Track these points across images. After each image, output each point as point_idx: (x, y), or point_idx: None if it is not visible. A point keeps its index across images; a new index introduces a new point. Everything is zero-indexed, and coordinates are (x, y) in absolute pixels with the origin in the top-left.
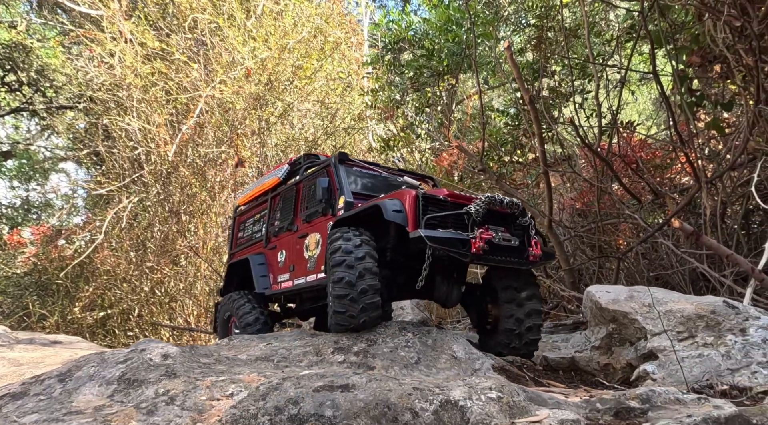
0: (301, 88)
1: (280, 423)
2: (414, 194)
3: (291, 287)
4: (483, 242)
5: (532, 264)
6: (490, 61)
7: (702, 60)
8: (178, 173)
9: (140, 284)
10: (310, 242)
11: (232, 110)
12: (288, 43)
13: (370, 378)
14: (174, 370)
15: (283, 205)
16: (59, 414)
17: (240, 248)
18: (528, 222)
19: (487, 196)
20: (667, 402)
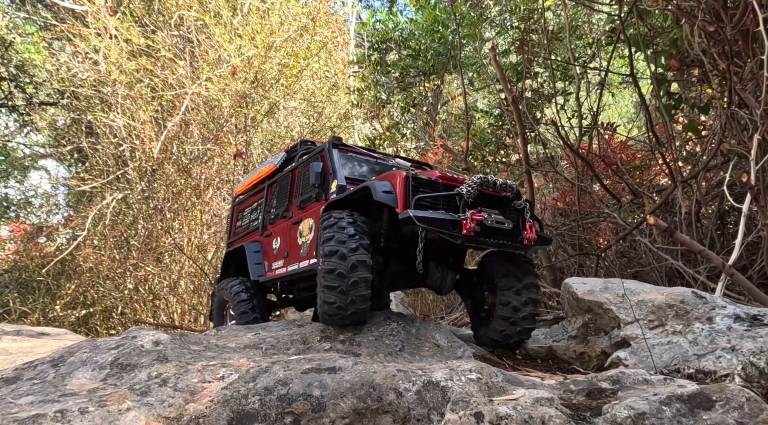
0: (288, 86)
1: (270, 403)
2: (404, 174)
3: (285, 274)
4: (474, 224)
5: (527, 248)
6: (475, 61)
7: (680, 64)
8: (163, 170)
9: (123, 282)
10: (303, 228)
11: (218, 108)
12: (274, 42)
13: (356, 362)
14: (165, 355)
15: (279, 192)
16: (54, 396)
17: (238, 237)
18: (522, 205)
19: (479, 177)
20: (636, 383)
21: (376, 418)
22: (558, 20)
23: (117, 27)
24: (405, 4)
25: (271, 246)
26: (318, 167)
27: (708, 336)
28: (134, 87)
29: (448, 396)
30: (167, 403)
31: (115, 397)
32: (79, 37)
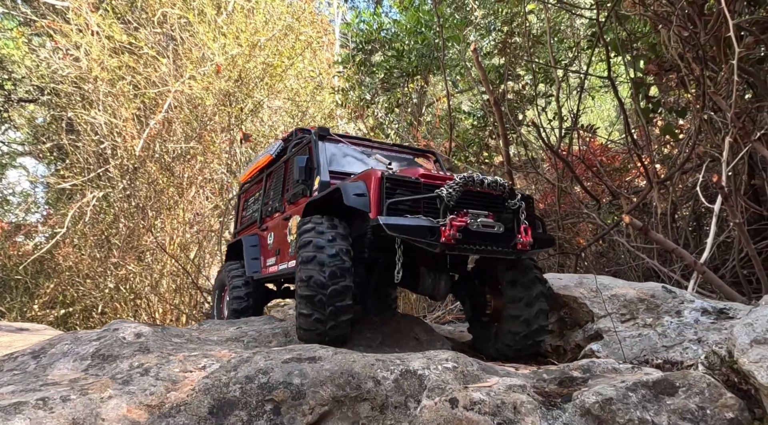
0: (272, 85)
1: (251, 391)
2: (379, 174)
3: (276, 273)
4: (454, 230)
5: (521, 253)
6: (458, 64)
7: (658, 69)
8: (146, 168)
9: (104, 281)
10: (292, 225)
11: (201, 106)
12: (259, 41)
13: (336, 352)
14: (147, 347)
15: (275, 184)
16: (35, 386)
17: (243, 227)
18: (517, 205)
19: (463, 176)
20: (606, 372)
21: (355, 406)
22: (540, 24)
23: (99, 24)
24: (390, 6)
25: (267, 241)
26: (302, 161)
27: (676, 329)
28: (116, 84)
29: (425, 383)
30: (149, 391)
31: (97, 386)
32: (60, 33)
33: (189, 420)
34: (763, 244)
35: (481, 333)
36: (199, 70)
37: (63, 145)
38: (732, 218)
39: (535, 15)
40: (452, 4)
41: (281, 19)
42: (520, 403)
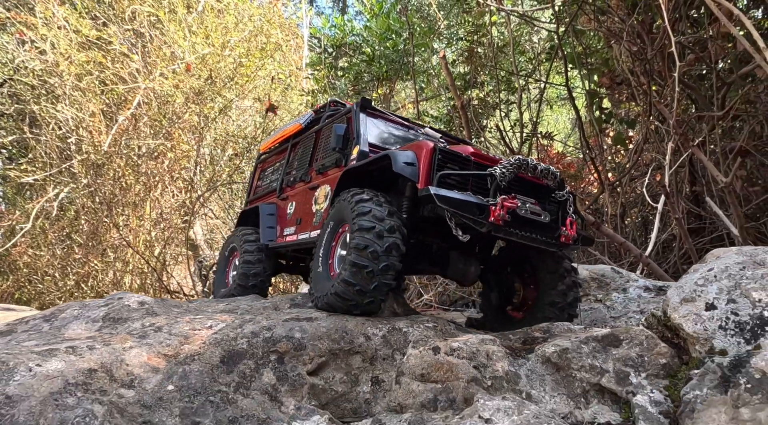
0: (242, 85)
1: (257, 344)
2: (431, 145)
3: (295, 242)
4: (504, 212)
5: (564, 247)
6: (426, 70)
7: (611, 82)
8: (112, 164)
9: (64, 278)
10: (319, 195)
11: (170, 104)
12: (229, 41)
13: (329, 314)
14: (154, 311)
15: (301, 154)
16: (56, 341)
17: (256, 196)
18: (565, 197)
19: (517, 158)
20: (562, 332)
21: (348, 357)
22: (503, 35)
23: (67, 18)
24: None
25: (286, 210)
26: (341, 129)
27: (623, 303)
28: (83, 79)
29: (409, 339)
30: (164, 344)
31: (118, 338)
32: (25, 25)
33: (203, 368)
34: (701, 241)
35: (501, 320)
36: (169, 68)
37: (25, 139)
38: (673, 215)
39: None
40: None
41: (251, 21)
42: (492, 352)
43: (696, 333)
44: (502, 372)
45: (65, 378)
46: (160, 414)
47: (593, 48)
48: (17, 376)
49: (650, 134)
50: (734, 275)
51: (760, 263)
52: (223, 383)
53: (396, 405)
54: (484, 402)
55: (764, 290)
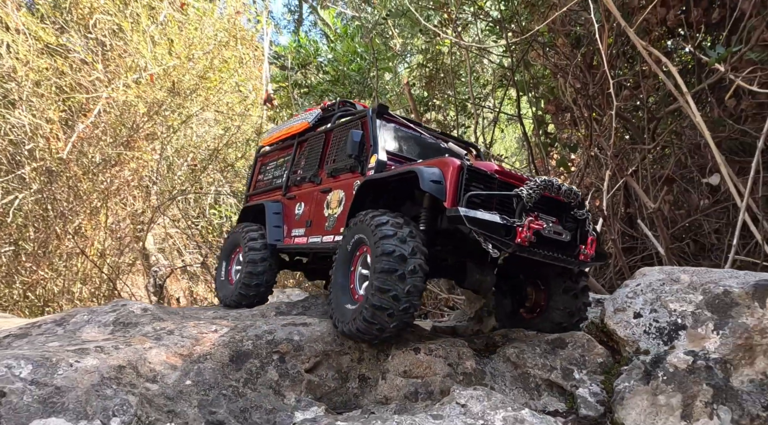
0: (205, 97)
1: (261, 345)
2: (458, 164)
3: (305, 245)
4: (530, 233)
5: (583, 265)
6: (389, 92)
7: (556, 109)
8: (69, 172)
9: (9, 286)
10: (332, 200)
11: (132, 113)
12: (192, 54)
13: (321, 320)
14: (159, 316)
15: (309, 153)
16: (77, 342)
17: (258, 191)
18: (585, 215)
19: (543, 179)
20: (519, 337)
21: (339, 358)
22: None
23: (25, 23)
24: (310, 25)
25: (293, 211)
26: (357, 136)
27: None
28: (41, 85)
29: (392, 342)
30: (179, 345)
31: (137, 340)
32: None
33: (215, 365)
34: (633, 259)
35: (515, 323)
36: (131, 78)
37: None
38: (609, 236)
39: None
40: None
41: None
42: (462, 352)
43: (626, 336)
44: (471, 369)
45: (101, 373)
46: (182, 404)
47: (540, 78)
48: (60, 370)
49: (591, 161)
50: (656, 290)
51: (676, 280)
52: (233, 379)
53: (382, 397)
54: (459, 392)
55: (678, 302)
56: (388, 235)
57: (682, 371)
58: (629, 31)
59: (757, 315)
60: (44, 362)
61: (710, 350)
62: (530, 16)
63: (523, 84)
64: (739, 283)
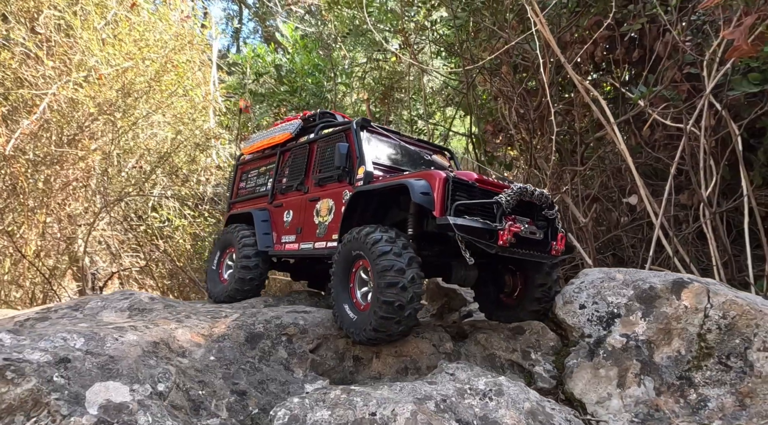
0: (159, 100)
1: (270, 328)
2: (443, 176)
3: (296, 251)
4: (510, 235)
5: (554, 258)
6: (346, 107)
7: (494, 129)
8: (9, 169)
9: None
10: (321, 208)
11: (80, 113)
12: (144, 55)
13: (319, 309)
14: (170, 303)
15: (293, 162)
16: (102, 324)
17: (241, 199)
18: (554, 215)
19: (519, 186)
20: (484, 326)
21: (336, 341)
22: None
23: None
24: (250, 32)
25: (282, 218)
26: (344, 148)
27: None
28: None
29: None
30: (199, 326)
31: (162, 321)
32: None
33: (233, 344)
34: (563, 268)
35: (498, 307)
36: (80, 76)
37: None
38: None
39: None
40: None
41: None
42: (442, 336)
43: (573, 324)
44: (450, 350)
45: (141, 347)
46: (209, 376)
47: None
48: (108, 343)
49: (530, 179)
50: (597, 286)
51: (612, 278)
52: (249, 356)
53: (376, 373)
54: (447, 365)
55: (614, 296)
56: (385, 251)
57: (617, 349)
58: (567, 65)
59: (674, 305)
60: (93, 336)
61: (639, 333)
62: (477, 44)
63: (468, 105)
64: (660, 281)
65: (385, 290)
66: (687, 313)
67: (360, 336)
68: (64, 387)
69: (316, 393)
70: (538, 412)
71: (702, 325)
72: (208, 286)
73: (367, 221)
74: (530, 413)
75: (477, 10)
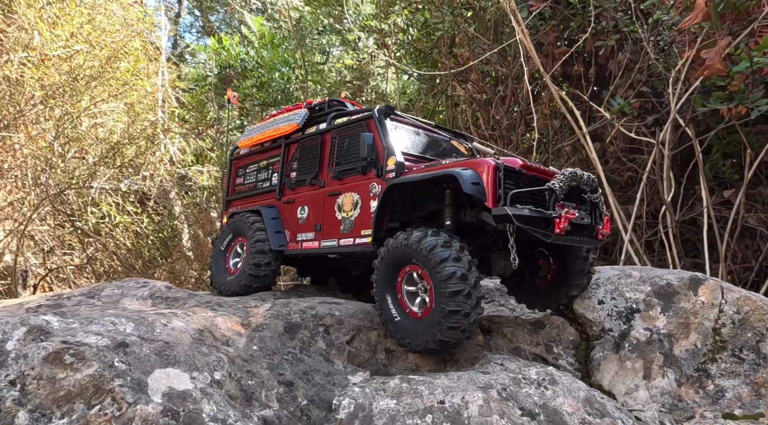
0: (109, 88)
1: (307, 318)
2: (493, 164)
3: (317, 249)
4: (566, 223)
5: (600, 242)
6: None
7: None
8: None
9: None
10: (344, 202)
11: (23, 94)
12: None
13: (349, 301)
14: (192, 293)
15: (303, 155)
16: (128, 311)
17: (240, 196)
18: (599, 199)
19: (570, 171)
20: (503, 321)
21: (368, 333)
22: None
23: None
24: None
25: (295, 215)
26: (370, 139)
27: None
28: None
29: None
30: (237, 315)
31: (198, 310)
32: None
33: (272, 334)
34: None
35: (533, 293)
36: (22, 56)
37: None
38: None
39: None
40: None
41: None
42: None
43: (593, 318)
44: (482, 342)
45: (190, 334)
46: (255, 366)
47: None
48: (157, 329)
49: None
50: (614, 282)
51: (628, 275)
52: (290, 346)
53: (413, 365)
54: (493, 356)
55: (632, 292)
56: (444, 258)
57: (642, 342)
58: (546, 76)
59: (692, 301)
60: (141, 321)
61: (660, 327)
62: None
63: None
64: (676, 278)
65: (450, 299)
66: (704, 308)
67: (421, 346)
68: (126, 373)
69: (374, 382)
70: (593, 400)
71: (717, 320)
72: (212, 270)
73: (398, 214)
74: (587, 401)
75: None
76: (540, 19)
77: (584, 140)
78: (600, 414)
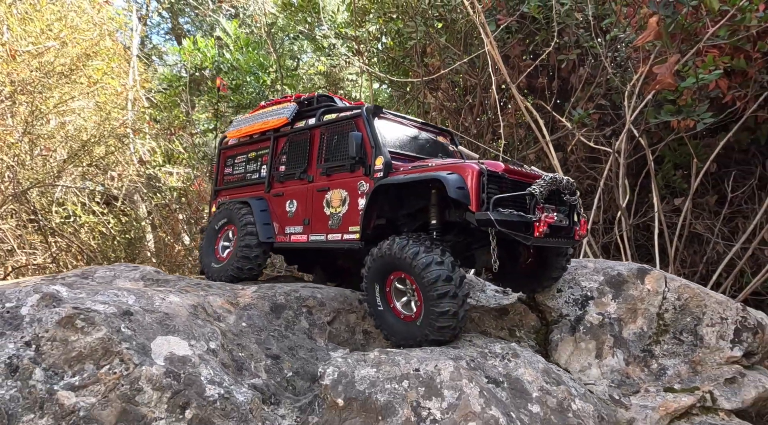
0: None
1: (291, 300)
2: (477, 170)
3: (305, 242)
4: (546, 227)
5: (577, 242)
6: None
7: None
8: None
9: None
10: (332, 198)
11: None
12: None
13: (330, 287)
14: (182, 277)
15: (292, 149)
16: (122, 291)
17: (228, 186)
18: (576, 201)
19: (550, 176)
20: (472, 307)
21: (347, 315)
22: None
23: None
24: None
25: (284, 208)
26: (358, 138)
27: (484, 299)
28: None
29: None
30: (226, 295)
31: (191, 289)
32: None
33: (260, 313)
34: None
35: (518, 278)
36: None
37: None
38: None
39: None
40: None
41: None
42: None
43: (552, 305)
44: None
45: (185, 308)
46: (244, 340)
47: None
48: (156, 302)
49: None
50: (572, 273)
51: (584, 266)
52: (275, 324)
53: (388, 345)
54: (463, 334)
55: (587, 281)
56: (428, 263)
57: (595, 325)
58: (512, 87)
59: (639, 289)
60: (141, 294)
61: (611, 312)
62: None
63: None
64: (626, 268)
65: (438, 301)
66: (650, 295)
67: (414, 345)
68: (132, 337)
69: (355, 354)
70: (551, 371)
71: (661, 306)
72: (203, 253)
73: (385, 211)
74: (545, 372)
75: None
76: (507, 32)
77: (547, 148)
78: (556, 382)
